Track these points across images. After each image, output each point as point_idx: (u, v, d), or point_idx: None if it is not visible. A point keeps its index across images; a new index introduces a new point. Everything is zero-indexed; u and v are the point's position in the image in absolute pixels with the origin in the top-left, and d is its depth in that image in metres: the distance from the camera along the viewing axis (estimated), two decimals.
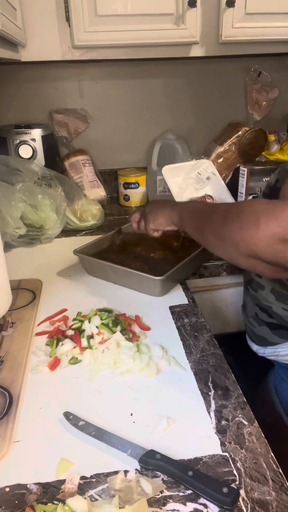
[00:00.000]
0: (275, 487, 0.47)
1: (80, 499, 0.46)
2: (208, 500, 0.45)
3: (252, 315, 0.86)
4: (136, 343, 0.72)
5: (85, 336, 0.73)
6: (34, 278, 0.96)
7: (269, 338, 0.83)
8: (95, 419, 0.57)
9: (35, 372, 0.67)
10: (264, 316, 0.82)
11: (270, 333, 0.82)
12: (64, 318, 0.80)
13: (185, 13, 1.11)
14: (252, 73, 1.47)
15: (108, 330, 0.74)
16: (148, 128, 1.56)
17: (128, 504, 0.45)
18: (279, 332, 0.80)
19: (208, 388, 0.62)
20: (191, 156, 1.44)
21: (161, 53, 1.19)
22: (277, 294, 0.79)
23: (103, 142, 1.56)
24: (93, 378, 0.65)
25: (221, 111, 1.54)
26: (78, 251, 0.96)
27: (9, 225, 1.06)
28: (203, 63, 1.47)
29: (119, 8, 1.09)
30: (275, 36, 1.17)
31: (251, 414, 0.57)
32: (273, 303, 0.80)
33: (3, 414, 0.58)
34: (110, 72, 1.47)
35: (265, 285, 0.82)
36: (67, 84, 1.47)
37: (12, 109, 1.47)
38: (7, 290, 0.74)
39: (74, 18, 1.09)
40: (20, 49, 1.14)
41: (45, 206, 1.15)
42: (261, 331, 0.84)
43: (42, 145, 1.36)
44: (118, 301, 0.87)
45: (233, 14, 1.12)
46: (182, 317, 0.81)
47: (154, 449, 0.51)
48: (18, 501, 0.47)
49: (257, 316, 0.84)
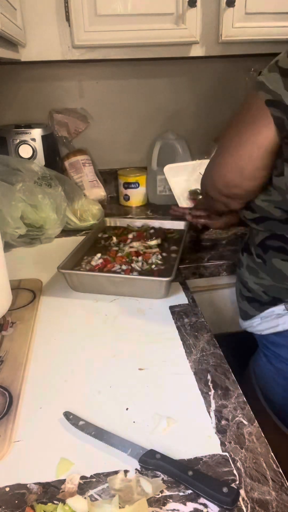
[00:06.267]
0: (275, 487, 0.47)
1: (80, 499, 0.46)
2: (208, 500, 0.45)
3: (238, 292, 0.91)
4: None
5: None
6: (34, 278, 0.96)
7: (249, 311, 0.87)
8: (95, 419, 0.57)
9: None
10: (245, 291, 0.87)
11: (249, 306, 0.87)
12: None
13: (185, 13, 1.11)
14: (252, 73, 1.47)
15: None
16: (148, 128, 1.56)
17: (128, 503, 0.45)
18: (253, 304, 0.85)
19: (208, 388, 0.62)
20: (191, 156, 1.44)
21: (161, 53, 1.19)
22: (250, 270, 0.85)
23: (103, 142, 1.56)
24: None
25: (221, 111, 1.54)
26: (62, 268, 0.88)
27: (9, 225, 1.06)
28: (203, 63, 1.47)
29: (119, 8, 1.10)
30: (275, 36, 1.17)
31: (251, 414, 0.57)
32: (249, 278, 0.85)
33: (3, 414, 0.58)
34: (110, 72, 1.47)
35: (244, 262, 0.87)
36: (67, 84, 1.47)
37: (12, 109, 1.47)
38: (7, 290, 0.74)
39: (74, 18, 1.09)
40: (20, 49, 1.14)
41: (45, 206, 1.14)
42: (244, 305, 0.89)
43: (42, 145, 1.36)
44: (119, 301, 0.87)
45: (233, 14, 1.13)
46: (182, 317, 0.81)
47: (154, 449, 0.51)
48: (18, 501, 0.47)
49: (240, 292, 0.89)
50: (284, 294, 0.80)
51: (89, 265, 0.93)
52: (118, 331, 0.77)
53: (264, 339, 0.88)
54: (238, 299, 0.92)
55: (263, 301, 0.83)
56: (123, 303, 0.86)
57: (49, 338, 0.76)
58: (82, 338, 0.76)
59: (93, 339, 0.75)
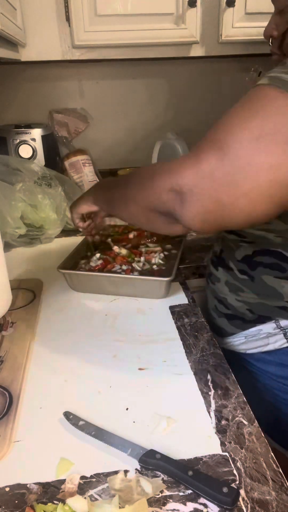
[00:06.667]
0: (275, 487, 0.47)
1: (80, 499, 0.46)
2: (208, 500, 0.45)
3: (212, 307, 0.88)
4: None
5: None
6: (34, 278, 0.96)
7: (227, 328, 0.84)
8: (95, 419, 0.57)
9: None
10: (222, 308, 0.84)
11: (228, 323, 0.84)
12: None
13: (185, 12, 1.11)
14: (252, 73, 1.47)
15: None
16: (148, 128, 1.56)
17: (128, 503, 0.45)
18: (234, 322, 0.82)
19: (208, 388, 0.62)
20: None
21: (161, 53, 1.19)
22: (230, 286, 0.81)
23: (103, 142, 1.56)
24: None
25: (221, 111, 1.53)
26: (62, 268, 0.88)
27: (9, 225, 1.06)
28: (203, 62, 1.47)
29: (119, 7, 1.10)
30: None
31: (251, 414, 0.57)
32: (227, 295, 0.82)
33: (3, 414, 0.58)
34: (110, 72, 1.47)
35: (221, 278, 0.83)
36: (67, 84, 1.47)
37: (12, 109, 1.47)
38: (7, 290, 0.74)
39: (74, 18, 1.09)
40: (20, 49, 1.14)
41: (45, 206, 1.14)
42: (220, 322, 0.86)
43: (42, 145, 1.36)
44: (119, 301, 0.87)
45: (233, 14, 1.13)
46: (182, 317, 0.81)
47: (154, 449, 0.51)
48: (18, 501, 0.47)
49: (216, 308, 0.86)
50: (276, 313, 0.76)
51: (88, 265, 0.93)
52: (118, 331, 0.77)
53: (248, 357, 0.84)
54: (212, 315, 0.88)
55: (247, 319, 0.79)
56: (123, 303, 0.86)
57: (49, 338, 0.76)
58: (82, 338, 0.76)
59: (93, 339, 0.75)
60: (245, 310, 0.79)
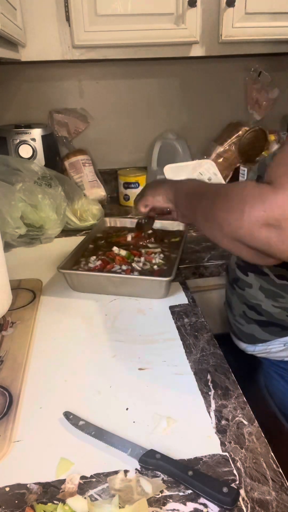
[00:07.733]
0: (275, 487, 0.47)
1: (80, 498, 0.46)
2: (208, 500, 0.45)
3: (240, 313, 0.85)
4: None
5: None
6: (34, 278, 0.96)
7: (258, 335, 0.82)
8: (95, 419, 0.57)
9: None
10: (253, 314, 0.82)
11: (260, 330, 0.82)
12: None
13: (185, 12, 1.11)
14: (252, 73, 1.47)
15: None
16: (148, 128, 1.56)
17: (128, 503, 0.45)
18: (269, 329, 0.80)
19: (208, 388, 0.62)
20: (191, 156, 1.44)
21: (161, 53, 1.19)
22: (266, 292, 0.79)
23: (103, 142, 1.56)
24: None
25: (221, 111, 1.54)
26: (62, 268, 0.88)
27: (9, 225, 1.06)
28: (203, 62, 1.47)
29: (119, 7, 1.09)
30: (275, 36, 1.17)
31: (251, 414, 0.57)
32: (263, 301, 0.79)
33: (3, 414, 0.58)
34: (110, 72, 1.47)
35: (253, 283, 0.80)
36: (67, 84, 1.47)
37: (12, 109, 1.47)
38: (7, 290, 0.74)
39: (74, 18, 1.09)
40: (20, 49, 1.14)
41: (45, 206, 1.14)
42: (250, 328, 0.84)
43: (42, 145, 1.36)
44: (119, 301, 0.87)
45: (233, 14, 1.13)
46: (182, 317, 0.81)
47: (154, 448, 0.51)
48: (18, 500, 0.47)
49: (245, 314, 0.84)
50: None
51: (88, 266, 0.93)
52: (118, 331, 0.77)
53: (278, 362, 0.83)
54: (238, 321, 0.86)
55: (286, 325, 0.78)
56: (123, 303, 0.86)
57: (49, 338, 0.76)
58: (82, 338, 0.76)
59: (93, 339, 0.75)
60: (285, 316, 0.77)
